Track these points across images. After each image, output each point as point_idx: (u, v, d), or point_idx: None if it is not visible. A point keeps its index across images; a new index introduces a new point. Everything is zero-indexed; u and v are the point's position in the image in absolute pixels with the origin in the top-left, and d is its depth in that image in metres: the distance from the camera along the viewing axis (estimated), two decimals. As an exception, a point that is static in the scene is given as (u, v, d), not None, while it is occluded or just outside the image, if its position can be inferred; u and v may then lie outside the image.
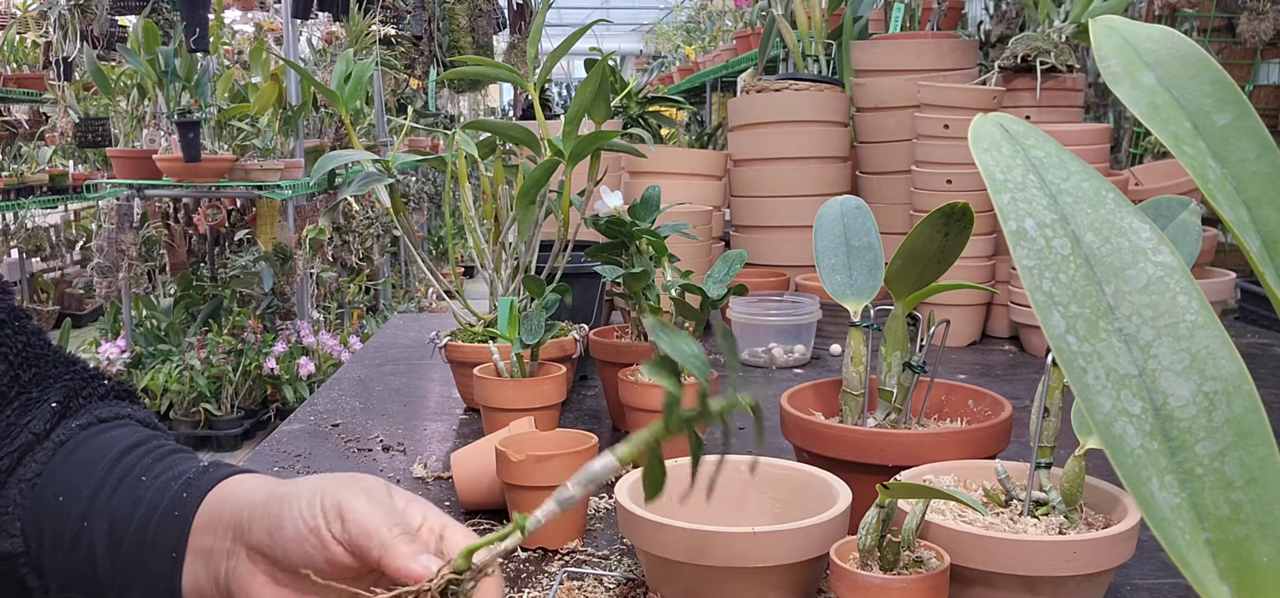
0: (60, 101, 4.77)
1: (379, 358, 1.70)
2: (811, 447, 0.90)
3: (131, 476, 0.63)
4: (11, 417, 0.66)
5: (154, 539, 0.60)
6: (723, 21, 6.91)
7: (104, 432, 0.67)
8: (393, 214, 1.34)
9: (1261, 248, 0.39)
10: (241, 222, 4.61)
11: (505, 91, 12.88)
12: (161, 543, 0.60)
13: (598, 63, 1.21)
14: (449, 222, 1.55)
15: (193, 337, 3.97)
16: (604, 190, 1.13)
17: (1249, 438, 0.36)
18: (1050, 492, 0.77)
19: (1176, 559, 0.35)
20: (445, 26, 6.20)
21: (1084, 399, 0.37)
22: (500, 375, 1.13)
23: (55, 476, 0.64)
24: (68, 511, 0.62)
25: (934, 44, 2.00)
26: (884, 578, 0.67)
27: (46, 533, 0.63)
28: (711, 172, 2.07)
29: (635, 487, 0.80)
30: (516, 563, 0.88)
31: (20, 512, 0.63)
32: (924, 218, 0.81)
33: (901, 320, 0.90)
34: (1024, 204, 0.40)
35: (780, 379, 1.53)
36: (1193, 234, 0.76)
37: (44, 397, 0.68)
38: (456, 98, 8.24)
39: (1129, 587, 0.83)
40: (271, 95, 3.82)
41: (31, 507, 0.63)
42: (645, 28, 12.30)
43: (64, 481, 0.64)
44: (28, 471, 0.65)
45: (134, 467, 0.63)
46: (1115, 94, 0.42)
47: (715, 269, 1.10)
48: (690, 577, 0.73)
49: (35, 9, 5.18)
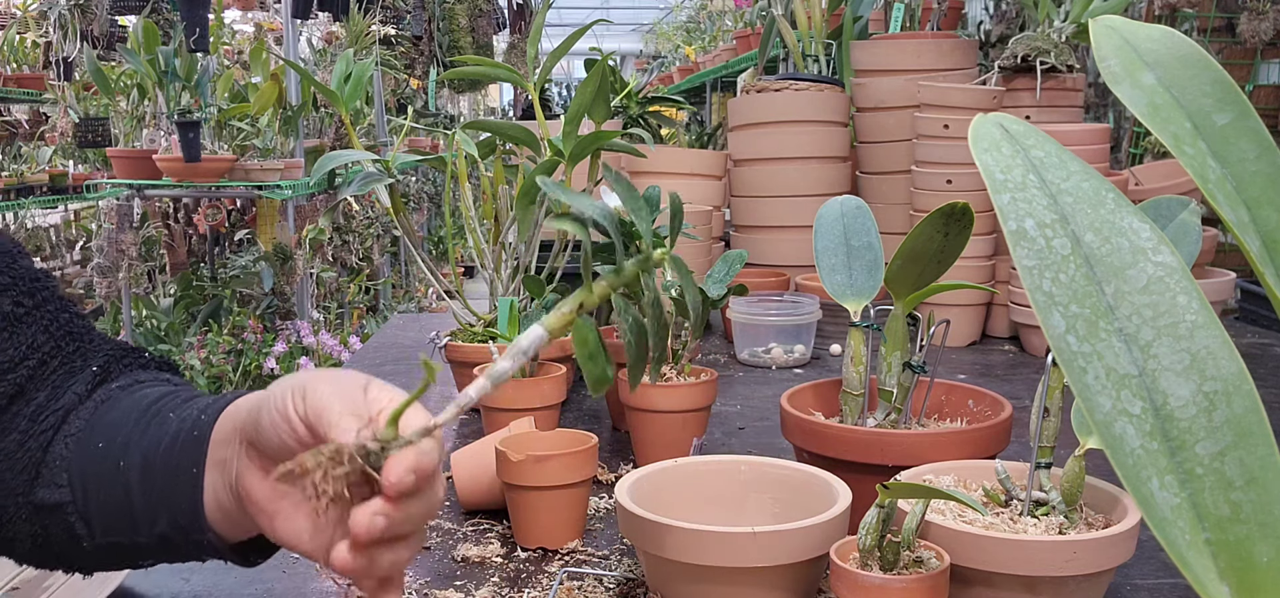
0: (60, 101, 4.77)
1: (379, 358, 1.70)
2: (811, 447, 0.90)
3: (160, 414, 0.68)
4: (56, 380, 0.73)
5: (178, 462, 0.65)
6: (723, 21, 6.91)
7: (141, 389, 0.72)
8: (393, 214, 1.34)
9: (1261, 248, 0.39)
10: (241, 222, 4.61)
11: (505, 91, 12.88)
12: (184, 464, 0.64)
13: (598, 63, 1.21)
14: (449, 222, 1.55)
15: (193, 337, 3.97)
16: (604, 190, 1.13)
17: (1249, 438, 0.36)
18: (1050, 492, 0.77)
19: (1176, 559, 0.35)
20: (445, 26, 6.20)
21: (1084, 399, 0.37)
22: (500, 375, 1.13)
23: (96, 428, 0.69)
24: (107, 455, 0.68)
25: (934, 44, 2.00)
26: (884, 578, 0.67)
27: (90, 479, 0.68)
28: (711, 172, 2.07)
29: (635, 487, 0.80)
30: (516, 563, 0.88)
31: (66, 464, 0.69)
32: (924, 218, 0.81)
33: (901, 320, 0.90)
34: (1024, 204, 0.40)
35: (780, 379, 1.53)
36: (1193, 234, 0.76)
37: (86, 364, 0.74)
38: (456, 98, 8.24)
39: (1129, 587, 0.83)
40: (271, 95, 3.82)
41: (76, 458, 0.69)
42: (645, 28, 12.30)
43: (103, 431, 0.69)
44: (72, 427, 0.70)
45: (163, 407, 0.69)
46: (1115, 94, 0.42)
47: (715, 269, 1.10)
48: (690, 577, 0.73)
49: (35, 9, 5.18)
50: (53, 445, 0.70)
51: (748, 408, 1.37)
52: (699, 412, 1.07)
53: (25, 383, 0.72)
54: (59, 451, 0.70)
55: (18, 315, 0.72)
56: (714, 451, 1.15)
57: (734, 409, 1.36)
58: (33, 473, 0.70)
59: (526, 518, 0.90)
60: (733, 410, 1.35)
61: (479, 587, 0.83)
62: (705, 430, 1.09)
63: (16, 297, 0.72)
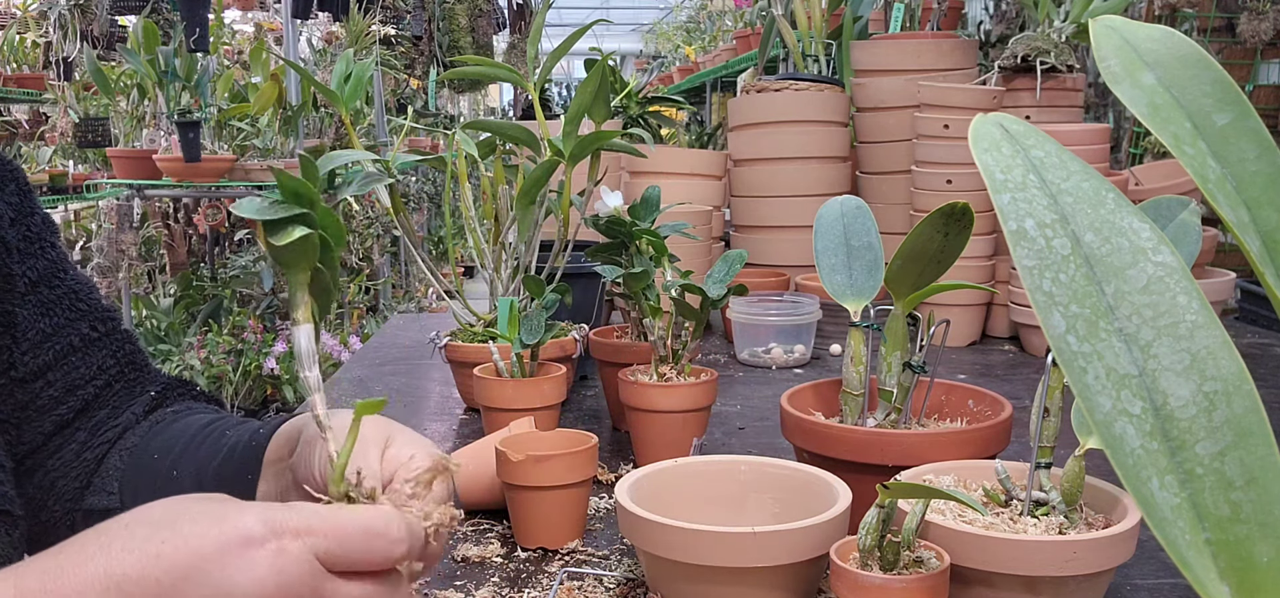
0: (60, 101, 4.77)
1: (379, 358, 1.70)
2: (811, 447, 0.90)
3: (215, 433, 0.75)
4: (117, 401, 0.81)
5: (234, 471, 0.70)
6: (723, 21, 6.91)
7: (194, 414, 0.80)
8: (393, 214, 1.34)
9: (1261, 248, 0.39)
10: (241, 221, 4.61)
11: (505, 91, 12.87)
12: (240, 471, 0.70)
13: (598, 63, 1.21)
14: (449, 222, 1.55)
15: (193, 337, 3.97)
16: (604, 190, 1.13)
17: (1249, 438, 0.36)
18: (1050, 492, 0.77)
19: (1177, 559, 0.35)
20: (445, 26, 6.20)
21: (1084, 399, 0.37)
22: (500, 375, 1.13)
23: (150, 444, 0.77)
24: (159, 465, 0.74)
25: (934, 44, 2.00)
26: (884, 578, 0.67)
27: (141, 487, 0.74)
28: (711, 172, 2.07)
29: (635, 487, 0.80)
30: (516, 563, 0.88)
31: (118, 474, 0.76)
32: (924, 218, 0.81)
33: (901, 320, 0.90)
34: (1024, 204, 0.40)
35: (780, 379, 1.53)
36: (1193, 234, 0.76)
37: (145, 390, 0.83)
38: (456, 98, 8.24)
39: (1129, 587, 0.83)
40: (271, 95, 3.82)
41: (129, 468, 0.76)
42: (645, 28, 12.30)
43: (159, 445, 0.76)
44: (128, 442, 0.78)
45: (218, 427, 0.75)
46: (1115, 94, 0.42)
47: (715, 269, 1.10)
48: (690, 577, 0.73)
49: (35, 9, 5.18)
50: (108, 458, 0.78)
51: (748, 408, 1.37)
52: (699, 412, 1.07)
53: (92, 400, 0.79)
54: (113, 462, 0.77)
55: (92, 339, 0.80)
56: (714, 450, 1.15)
57: (734, 409, 1.36)
58: (85, 482, 0.77)
59: (526, 518, 0.90)
60: (733, 410, 1.35)
61: (479, 587, 0.83)
62: (705, 431, 1.09)
63: (93, 322, 0.81)
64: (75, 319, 0.79)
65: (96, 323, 0.81)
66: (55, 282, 0.79)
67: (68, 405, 0.78)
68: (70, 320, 0.79)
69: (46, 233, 0.79)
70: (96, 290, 0.83)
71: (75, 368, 0.78)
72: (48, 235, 0.79)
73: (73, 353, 0.78)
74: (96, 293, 0.83)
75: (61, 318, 0.78)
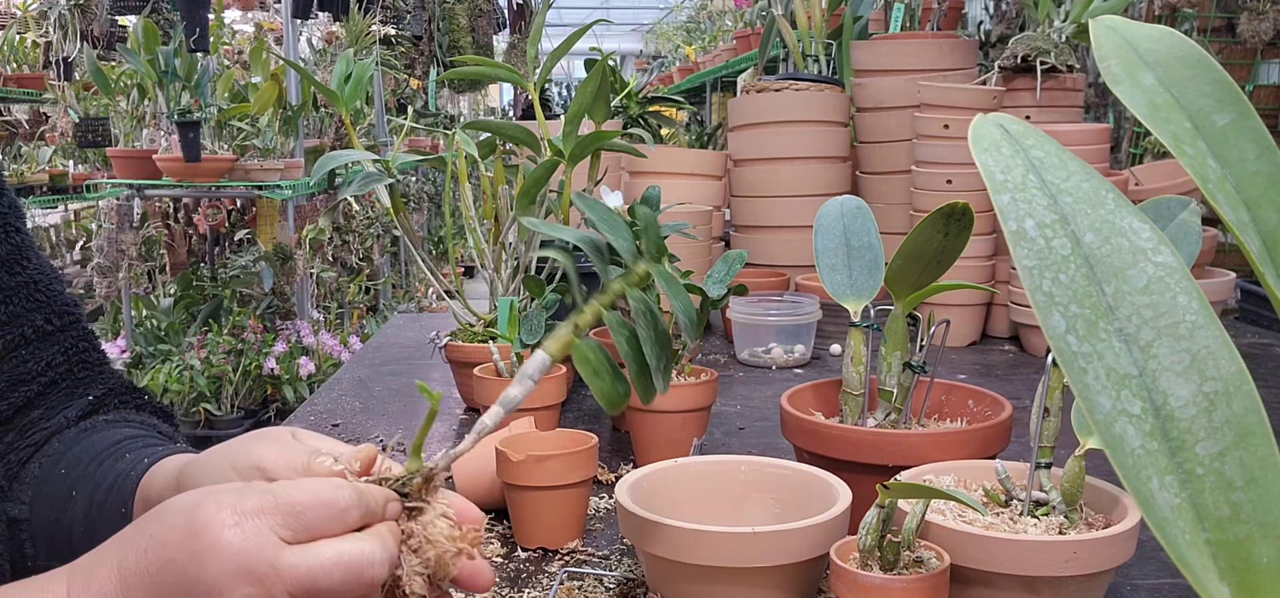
0: (60, 101, 4.76)
1: (379, 358, 1.70)
2: (811, 447, 0.90)
3: (119, 454, 0.71)
4: (56, 402, 0.77)
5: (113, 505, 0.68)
6: (723, 21, 6.91)
7: (122, 426, 0.76)
8: (393, 214, 1.34)
9: (1261, 248, 0.39)
10: (241, 222, 4.61)
11: (505, 91, 12.87)
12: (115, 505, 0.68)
13: (598, 63, 1.21)
14: (449, 222, 1.55)
15: (193, 337, 3.97)
16: (604, 190, 1.13)
17: (1249, 438, 0.36)
18: (1050, 492, 0.77)
19: (1177, 559, 0.35)
20: (445, 26, 6.20)
21: (1084, 399, 0.37)
22: (500, 375, 1.13)
23: (66, 454, 0.73)
24: (63, 482, 0.71)
25: (934, 44, 2.00)
26: (884, 578, 0.67)
27: (44, 501, 0.71)
28: (711, 172, 2.07)
29: (635, 487, 0.80)
30: (516, 563, 0.88)
31: (34, 483, 0.72)
32: (924, 218, 0.81)
33: (901, 320, 0.90)
34: (1024, 204, 0.40)
35: (780, 379, 1.53)
36: (1193, 234, 0.76)
37: (86, 392, 0.79)
38: (456, 98, 8.23)
39: (1129, 587, 0.83)
40: (271, 95, 3.82)
41: (41, 480, 0.72)
42: (645, 28, 12.29)
43: (72, 458, 0.72)
44: (52, 448, 0.74)
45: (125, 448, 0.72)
46: (1115, 94, 0.42)
47: (715, 269, 1.10)
48: (690, 577, 0.73)
49: (35, 9, 5.17)
50: (30, 463, 0.74)
51: (748, 408, 1.37)
52: (699, 412, 1.07)
53: (33, 398, 0.76)
54: (32, 470, 0.73)
55: (46, 333, 0.77)
56: (714, 450, 1.15)
57: (734, 409, 1.36)
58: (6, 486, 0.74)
59: (526, 518, 0.90)
60: (733, 410, 1.35)
61: (479, 587, 0.83)
62: (705, 431, 1.09)
63: (50, 314, 0.77)
64: (31, 310, 0.76)
65: (53, 316, 0.77)
66: (16, 269, 0.76)
67: (9, 401, 0.74)
68: (26, 310, 0.76)
69: (12, 217, 0.76)
70: (60, 281, 0.80)
71: (24, 362, 0.75)
72: (13, 220, 0.76)
73: (24, 345, 0.75)
74: (59, 284, 0.80)
75: (18, 307, 0.75)
